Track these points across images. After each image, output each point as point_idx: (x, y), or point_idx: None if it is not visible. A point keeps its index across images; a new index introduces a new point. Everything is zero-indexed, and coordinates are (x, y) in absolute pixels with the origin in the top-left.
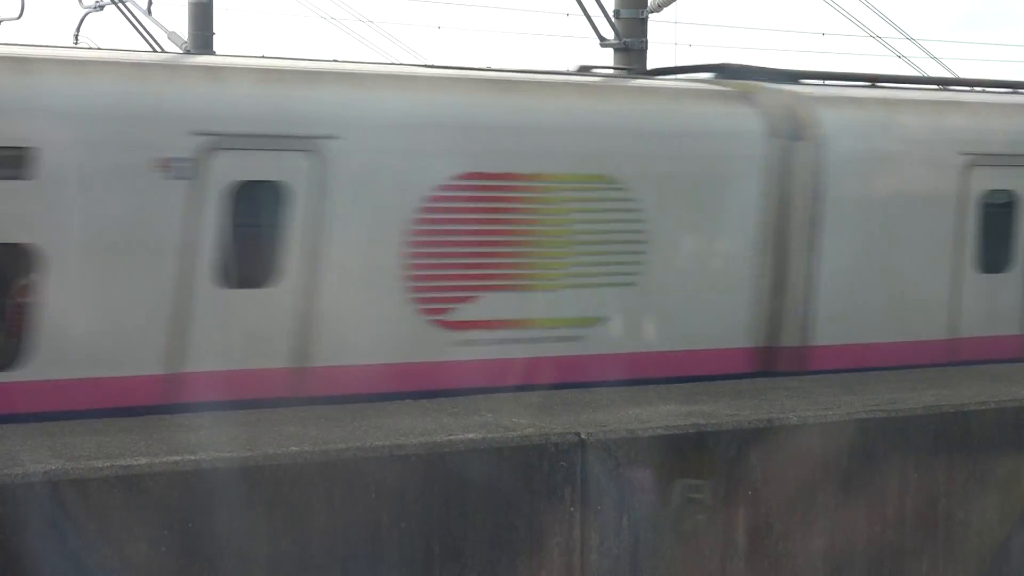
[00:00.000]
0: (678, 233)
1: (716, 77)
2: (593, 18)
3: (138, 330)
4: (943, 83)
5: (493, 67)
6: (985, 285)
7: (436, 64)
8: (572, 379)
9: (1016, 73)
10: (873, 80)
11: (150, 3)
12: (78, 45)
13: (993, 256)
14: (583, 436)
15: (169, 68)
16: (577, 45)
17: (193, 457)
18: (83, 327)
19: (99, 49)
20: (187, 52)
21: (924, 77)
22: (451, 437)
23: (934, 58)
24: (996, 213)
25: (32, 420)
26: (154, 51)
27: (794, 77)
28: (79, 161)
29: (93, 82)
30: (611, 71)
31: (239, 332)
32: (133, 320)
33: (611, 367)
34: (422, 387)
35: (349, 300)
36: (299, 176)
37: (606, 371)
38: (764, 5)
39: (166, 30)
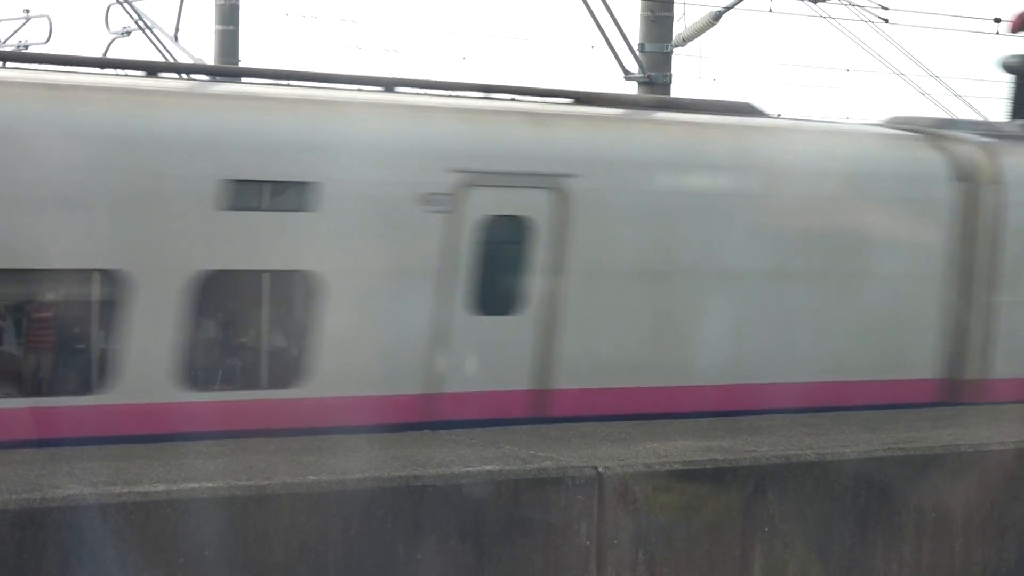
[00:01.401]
0: None
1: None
2: (618, 51)
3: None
4: None
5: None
6: None
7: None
8: None
9: None
10: None
11: (177, 30)
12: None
13: None
14: (600, 470)
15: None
16: (602, 78)
17: (211, 485)
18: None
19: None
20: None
21: None
22: (468, 469)
23: (958, 96)
24: None
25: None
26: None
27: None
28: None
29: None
30: None
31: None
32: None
33: None
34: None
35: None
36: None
37: None
38: (789, 40)
39: (192, 57)
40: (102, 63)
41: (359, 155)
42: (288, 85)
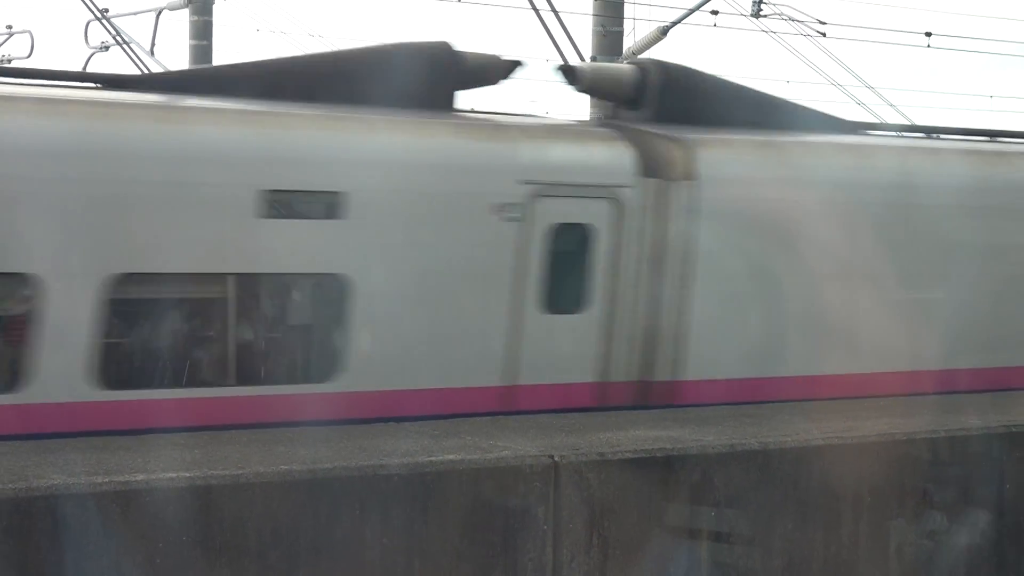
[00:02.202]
0: None
1: None
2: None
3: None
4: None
5: None
6: None
7: None
8: None
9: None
10: None
11: (153, 44)
12: None
13: None
14: (556, 459)
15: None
16: (555, 89)
17: (188, 474)
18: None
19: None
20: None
21: None
22: (431, 458)
23: (892, 105)
24: None
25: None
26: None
27: None
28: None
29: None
30: None
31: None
32: None
33: None
34: None
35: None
36: None
37: None
38: (732, 54)
39: (167, 70)
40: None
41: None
42: None
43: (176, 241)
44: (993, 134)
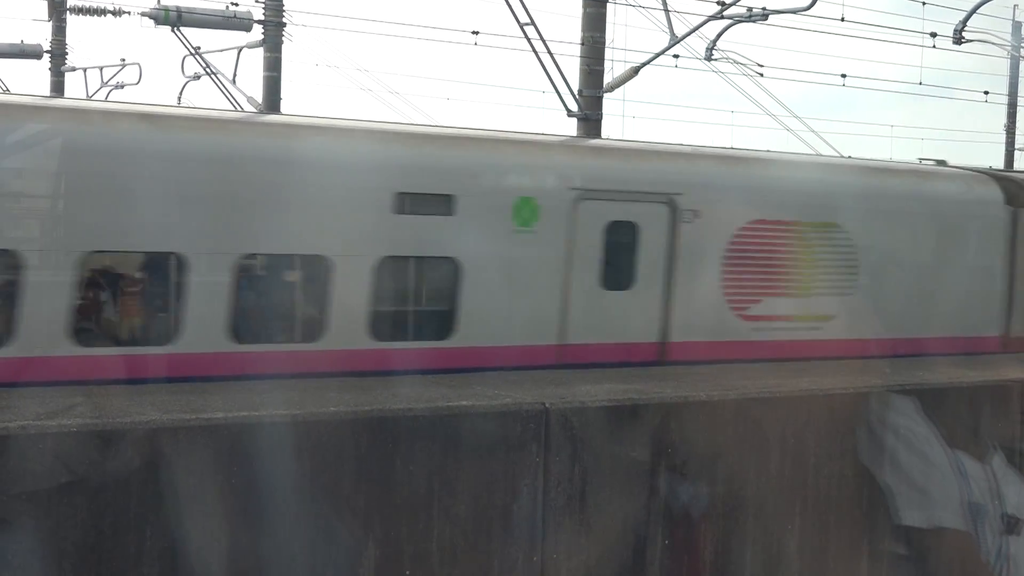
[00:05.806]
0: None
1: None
2: (563, 95)
3: None
4: None
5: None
6: None
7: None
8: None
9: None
10: None
11: (235, 75)
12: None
13: None
14: (547, 405)
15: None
16: (550, 114)
17: (257, 413)
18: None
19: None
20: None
21: None
22: (449, 404)
23: (814, 131)
24: None
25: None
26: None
27: None
28: None
29: None
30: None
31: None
32: None
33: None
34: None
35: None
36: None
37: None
38: (688, 89)
39: (246, 95)
40: None
41: None
42: None
43: None
44: None
